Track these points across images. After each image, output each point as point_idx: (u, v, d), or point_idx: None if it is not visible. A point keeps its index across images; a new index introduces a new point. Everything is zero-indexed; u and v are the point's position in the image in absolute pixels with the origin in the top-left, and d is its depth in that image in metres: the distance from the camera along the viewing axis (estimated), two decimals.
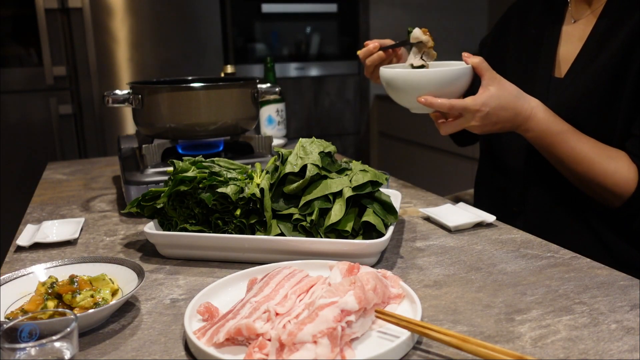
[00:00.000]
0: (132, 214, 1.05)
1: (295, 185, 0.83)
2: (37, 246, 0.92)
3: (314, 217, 0.80)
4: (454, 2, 3.83)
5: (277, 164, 0.87)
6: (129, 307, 0.70)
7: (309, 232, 0.82)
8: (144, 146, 1.12)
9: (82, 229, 0.99)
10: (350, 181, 0.82)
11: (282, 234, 0.82)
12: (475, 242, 0.89)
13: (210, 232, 0.85)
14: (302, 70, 3.62)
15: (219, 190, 0.83)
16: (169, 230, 0.87)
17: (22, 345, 0.49)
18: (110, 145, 2.76)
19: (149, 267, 0.82)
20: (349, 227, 0.80)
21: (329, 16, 3.63)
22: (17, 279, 0.71)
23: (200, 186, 0.84)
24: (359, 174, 0.83)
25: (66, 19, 2.56)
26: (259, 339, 0.56)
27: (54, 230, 0.97)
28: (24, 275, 0.72)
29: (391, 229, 0.81)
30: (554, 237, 0.92)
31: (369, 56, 1.16)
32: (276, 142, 1.61)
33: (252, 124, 1.22)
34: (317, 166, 0.83)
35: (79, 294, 0.66)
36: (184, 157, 0.90)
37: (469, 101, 0.97)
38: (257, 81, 1.21)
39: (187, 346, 0.60)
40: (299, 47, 3.63)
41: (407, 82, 1.00)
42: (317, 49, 3.66)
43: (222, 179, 0.85)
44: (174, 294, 0.73)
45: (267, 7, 3.44)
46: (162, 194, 0.87)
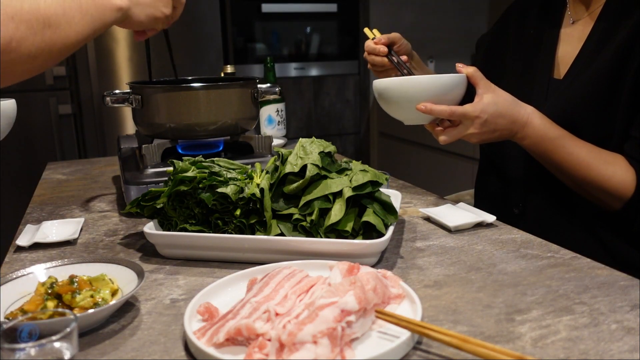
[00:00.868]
0: (132, 214, 1.05)
1: (295, 185, 0.83)
2: (36, 246, 0.91)
3: (314, 217, 0.80)
4: (454, 2, 3.83)
5: (277, 164, 0.87)
6: (128, 307, 0.69)
7: (309, 232, 0.82)
8: (143, 146, 1.11)
9: (82, 229, 0.99)
10: (350, 181, 0.82)
11: (282, 234, 0.81)
12: (475, 242, 0.89)
13: (210, 232, 0.85)
14: (302, 70, 3.62)
15: (219, 190, 0.83)
16: (169, 230, 0.87)
17: (21, 345, 0.49)
18: (110, 145, 2.76)
19: (149, 267, 0.82)
20: (349, 227, 0.80)
21: (329, 16, 3.63)
22: (17, 279, 0.71)
23: (200, 186, 0.84)
24: (359, 174, 0.83)
25: None
26: (259, 339, 0.56)
27: (53, 230, 0.97)
28: (23, 275, 0.72)
29: (391, 229, 0.81)
30: (554, 240, 0.92)
31: (374, 55, 1.17)
32: (276, 142, 1.61)
33: (252, 124, 1.22)
34: (317, 166, 0.83)
35: (79, 294, 0.66)
36: (183, 157, 0.90)
37: (469, 107, 0.97)
38: (257, 81, 1.21)
39: (187, 346, 0.60)
40: (299, 47, 3.64)
41: (402, 91, 0.99)
42: (317, 49, 3.67)
43: (222, 179, 0.85)
44: (174, 294, 0.73)
45: (267, 7, 3.45)
46: (162, 194, 0.87)
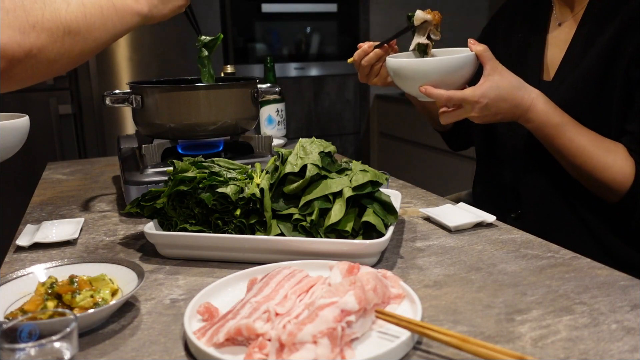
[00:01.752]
0: (132, 214, 1.05)
1: (295, 185, 0.83)
2: (36, 246, 0.91)
3: (314, 217, 0.80)
4: (454, 2, 3.83)
5: (277, 164, 0.87)
6: (128, 307, 0.69)
7: (309, 232, 0.82)
8: (143, 146, 1.11)
9: (81, 229, 0.99)
10: (350, 181, 0.82)
11: (282, 234, 0.81)
12: (475, 242, 0.89)
13: (210, 232, 0.85)
14: (302, 70, 3.62)
15: (219, 190, 0.83)
16: (169, 230, 0.87)
17: (21, 345, 0.49)
18: (110, 145, 2.76)
19: (149, 267, 0.82)
20: (349, 227, 0.80)
21: (329, 16, 3.63)
22: (17, 279, 0.71)
23: (200, 186, 0.84)
24: (359, 174, 0.83)
25: None
26: (259, 339, 0.56)
27: (53, 230, 0.97)
28: (23, 275, 0.72)
29: (391, 229, 0.81)
30: (552, 240, 0.92)
31: (364, 57, 1.14)
32: (276, 142, 1.61)
33: (252, 124, 1.22)
34: (317, 166, 0.83)
35: (79, 294, 0.66)
36: (184, 157, 0.90)
37: (468, 92, 0.96)
38: (257, 81, 1.21)
39: (187, 346, 0.60)
40: (299, 47, 3.63)
41: (409, 71, 1.00)
42: (317, 49, 3.67)
43: (222, 179, 0.85)
44: (174, 294, 0.73)
45: (267, 7, 3.45)
46: (162, 194, 0.87)
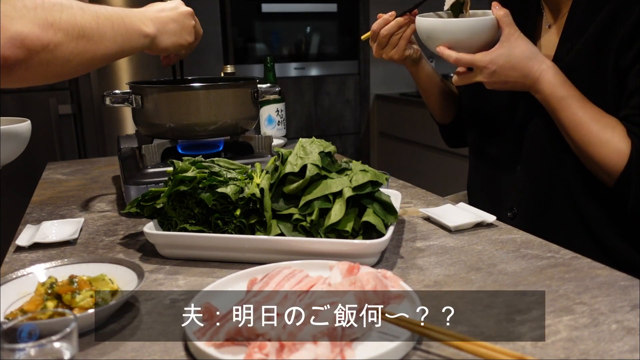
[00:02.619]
0: (132, 214, 1.05)
1: (295, 185, 0.83)
2: (36, 246, 0.91)
3: (314, 217, 0.80)
4: None
5: (277, 164, 0.87)
6: (128, 307, 0.69)
7: (309, 232, 0.81)
8: (143, 146, 1.11)
9: (81, 229, 0.99)
10: (350, 181, 0.82)
11: (282, 234, 0.81)
12: (475, 242, 0.89)
13: (210, 232, 0.85)
14: (302, 70, 3.62)
15: (219, 190, 0.83)
16: (169, 230, 0.87)
17: (21, 345, 0.49)
18: (110, 145, 2.76)
19: (149, 267, 0.82)
20: (349, 227, 0.80)
21: (329, 16, 3.63)
22: (17, 279, 0.71)
23: (200, 186, 0.84)
24: (359, 174, 0.83)
25: None
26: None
27: (53, 230, 0.97)
28: (23, 275, 0.72)
29: (391, 229, 0.81)
30: (550, 239, 0.91)
31: (385, 25, 1.12)
32: (276, 142, 1.61)
33: (252, 124, 1.22)
34: (317, 166, 0.83)
35: (79, 294, 0.66)
36: (183, 157, 0.90)
37: (478, 57, 0.97)
38: (257, 81, 1.21)
39: (187, 346, 0.60)
40: (299, 47, 3.63)
41: (423, 31, 1.03)
42: (317, 49, 3.66)
43: (222, 179, 0.85)
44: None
45: (267, 7, 3.45)
46: (162, 194, 0.87)
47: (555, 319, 0.64)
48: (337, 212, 0.80)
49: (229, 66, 1.62)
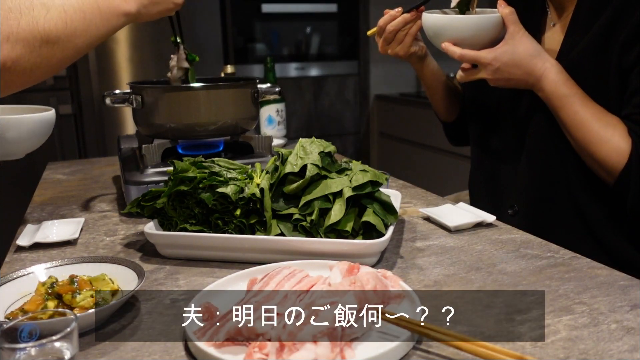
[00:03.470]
0: (132, 214, 1.05)
1: (295, 185, 0.83)
2: (37, 246, 0.91)
3: (314, 217, 0.80)
4: None
5: (277, 164, 0.87)
6: (129, 307, 0.70)
7: (309, 232, 0.82)
8: (144, 146, 1.11)
9: (82, 229, 0.99)
10: (350, 181, 0.82)
11: (282, 234, 0.82)
12: (475, 242, 0.89)
13: (210, 232, 0.85)
14: (302, 70, 3.62)
15: (219, 190, 0.83)
16: (169, 230, 0.87)
17: (22, 345, 0.49)
18: (110, 145, 2.76)
19: (149, 267, 0.82)
20: (349, 227, 0.80)
21: (329, 16, 3.63)
22: (17, 279, 0.71)
23: (200, 186, 0.84)
24: (359, 174, 0.83)
25: None
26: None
27: (54, 230, 0.97)
28: (24, 275, 0.72)
29: (391, 229, 0.81)
30: (551, 238, 0.91)
31: (391, 21, 1.11)
32: (276, 142, 1.61)
33: (252, 124, 1.22)
34: (317, 166, 0.83)
35: (79, 294, 0.66)
36: (184, 157, 0.90)
37: (482, 53, 0.98)
38: (257, 81, 1.21)
39: (187, 346, 0.60)
40: (299, 47, 3.64)
41: (429, 27, 1.04)
42: (317, 49, 3.67)
43: (222, 179, 0.85)
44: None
45: (267, 7, 3.45)
46: (162, 194, 0.87)
47: (554, 319, 0.64)
48: (337, 212, 0.80)
49: (229, 66, 1.63)
